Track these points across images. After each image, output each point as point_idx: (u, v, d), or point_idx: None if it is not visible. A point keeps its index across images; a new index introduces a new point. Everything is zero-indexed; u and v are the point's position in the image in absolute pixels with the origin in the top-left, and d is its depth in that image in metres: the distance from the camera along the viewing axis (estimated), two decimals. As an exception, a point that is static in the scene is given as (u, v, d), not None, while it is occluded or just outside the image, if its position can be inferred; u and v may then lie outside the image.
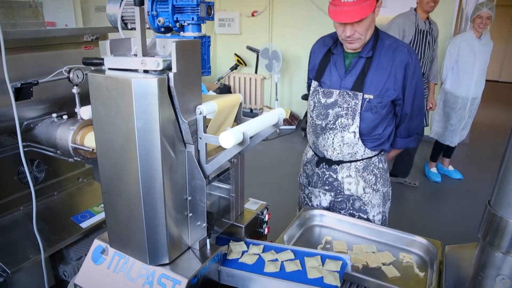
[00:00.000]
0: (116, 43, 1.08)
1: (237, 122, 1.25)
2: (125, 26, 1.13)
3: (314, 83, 1.72)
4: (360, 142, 1.65)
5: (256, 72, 6.42)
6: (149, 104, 0.95)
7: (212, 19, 1.07)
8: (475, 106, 3.99)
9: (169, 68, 0.97)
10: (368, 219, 1.75)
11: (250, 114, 6.45)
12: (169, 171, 1.02)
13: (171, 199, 1.05)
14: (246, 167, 1.36)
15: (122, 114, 0.99)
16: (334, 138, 1.68)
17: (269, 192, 3.86)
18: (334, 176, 1.76)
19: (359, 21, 1.46)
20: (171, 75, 0.95)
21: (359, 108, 1.59)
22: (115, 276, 1.14)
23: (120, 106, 0.98)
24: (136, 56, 1.02)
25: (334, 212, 1.71)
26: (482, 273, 0.99)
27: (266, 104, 6.61)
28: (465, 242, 1.35)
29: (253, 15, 6.29)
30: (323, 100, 1.67)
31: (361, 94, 1.58)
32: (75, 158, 1.58)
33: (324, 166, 1.77)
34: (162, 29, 1.07)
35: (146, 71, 0.99)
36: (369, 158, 1.71)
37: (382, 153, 1.77)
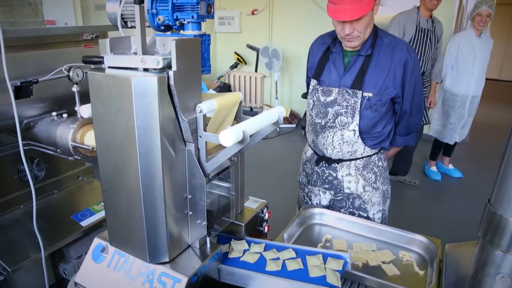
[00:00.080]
0: (116, 42, 1.08)
1: (237, 120, 1.25)
2: (125, 24, 1.13)
3: (313, 82, 1.72)
4: (360, 140, 1.65)
5: (256, 70, 6.42)
6: (149, 102, 0.95)
7: (212, 18, 1.07)
8: (475, 105, 3.99)
9: (169, 66, 0.97)
10: (368, 218, 1.75)
11: (250, 113, 6.44)
12: (169, 170, 1.02)
13: (171, 198, 1.05)
14: (246, 166, 1.35)
15: (122, 113, 0.98)
16: (333, 137, 1.68)
17: (269, 190, 3.86)
18: (334, 174, 1.76)
19: (358, 19, 1.46)
20: (171, 74, 0.95)
21: (359, 106, 1.59)
22: (115, 274, 1.14)
23: (120, 105, 0.98)
24: (136, 54, 1.02)
25: (334, 210, 1.71)
26: (482, 271, 0.99)
27: (266, 102, 6.61)
28: (465, 240, 1.35)
29: (253, 14, 6.29)
30: (323, 98, 1.67)
31: (360, 92, 1.58)
32: (75, 157, 1.58)
33: (323, 165, 1.77)
34: (162, 27, 1.07)
35: (146, 70, 0.99)
36: (368, 156, 1.71)
37: (381, 151, 1.77)
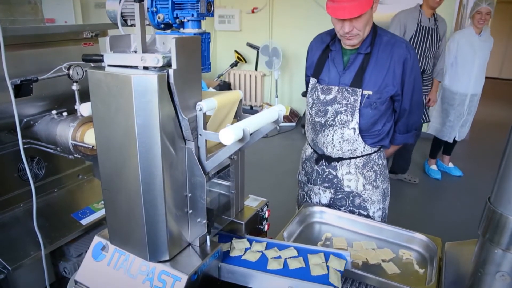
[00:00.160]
0: (115, 40, 1.07)
1: (237, 118, 1.25)
2: (124, 22, 1.12)
3: (313, 80, 1.72)
4: (360, 138, 1.65)
5: (256, 69, 6.41)
6: (149, 100, 0.95)
7: (212, 16, 1.07)
8: (475, 103, 3.98)
9: (169, 64, 0.97)
10: (368, 216, 1.75)
11: (250, 111, 6.44)
12: (169, 168, 1.02)
13: (171, 196, 1.05)
14: (246, 164, 1.35)
15: (122, 111, 0.98)
16: (333, 135, 1.68)
17: (269, 189, 3.86)
18: (334, 173, 1.75)
19: (358, 17, 1.46)
20: (171, 72, 0.95)
21: (359, 104, 1.59)
22: (115, 272, 1.15)
23: (120, 103, 0.98)
24: (135, 52, 1.02)
25: (334, 209, 1.72)
26: (482, 269, 0.99)
27: (266, 101, 6.61)
28: (465, 239, 1.36)
29: (253, 12, 6.28)
30: (322, 97, 1.67)
31: (360, 90, 1.58)
32: (75, 155, 1.58)
33: (323, 163, 1.77)
34: (162, 25, 1.07)
35: (146, 68, 0.99)
36: (368, 154, 1.71)
37: (381, 149, 1.77)
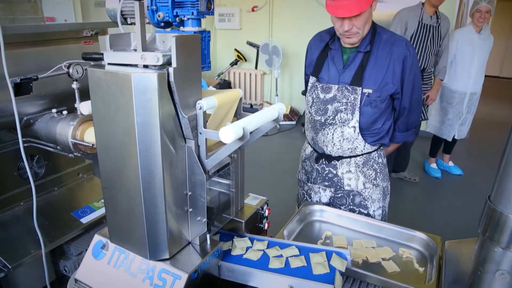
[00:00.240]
0: (115, 38, 1.07)
1: (237, 117, 1.25)
2: (124, 21, 1.12)
3: (312, 79, 1.72)
4: (360, 137, 1.65)
5: (256, 67, 6.41)
6: (149, 99, 0.95)
7: (212, 14, 1.06)
8: (474, 102, 3.97)
9: (169, 63, 0.97)
10: (368, 214, 1.75)
11: (250, 110, 6.43)
12: (169, 166, 1.02)
13: (171, 194, 1.05)
14: (246, 163, 1.35)
15: (122, 109, 0.98)
16: (333, 134, 1.67)
17: (269, 187, 3.86)
18: (334, 171, 1.75)
19: (357, 15, 1.45)
20: (171, 70, 0.95)
21: (359, 102, 1.59)
22: (116, 271, 1.15)
23: (120, 101, 0.98)
24: (135, 51, 1.01)
25: (334, 208, 1.72)
26: (482, 268, 0.99)
27: (266, 99, 6.61)
28: (465, 237, 1.36)
29: (253, 10, 6.27)
30: (322, 95, 1.67)
31: (360, 88, 1.58)
32: (75, 154, 1.58)
33: (323, 162, 1.77)
34: (162, 24, 1.07)
35: (146, 66, 0.99)
36: (368, 153, 1.71)
37: (381, 148, 1.77)
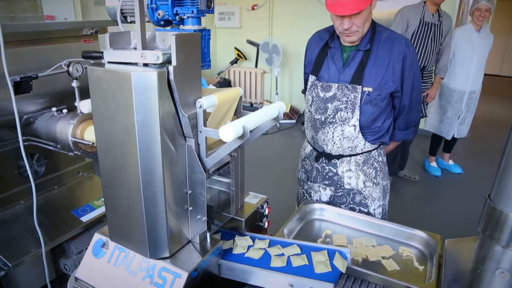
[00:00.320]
0: (115, 37, 1.07)
1: (237, 115, 1.25)
2: (124, 19, 1.12)
3: (312, 78, 1.72)
4: (360, 135, 1.65)
5: (256, 66, 6.40)
6: (149, 97, 0.94)
7: (212, 12, 1.06)
8: (474, 100, 3.96)
9: (168, 61, 0.97)
10: (368, 213, 1.76)
11: (250, 108, 6.44)
12: (169, 165, 1.02)
13: (171, 193, 1.06)
14: (246, 161, 1.35)
15: (122, 108, 0.98)
16: (334, 132, 1.67)
17: (269, 186, 3.86)
18: (334, 170, 1.75)
19: (357, 13, 1.45)
20: (171, 69, 0.95)
21: (359, 101, 1.59)
22: (116, 269, 1.15)
23: (120, 100, 0.98)
24: (135, 49, 1.02)
25: (335, 206, 1.72)
26: (482, 266, 0.99)
27: (266, 98, 6.60)
28: (464, 236, 1.36)
29: (253, 9, 6.26)
30: (322, 94, 1.66)
31: (360, 87, 1.58)
32: (75, 152, 1.58)
33: (323, 161, 1.77)
34: (162, 22, 1.07)
35: (145, 65, 0.99)
36: (368, 151, 1.71)
37: (381, 146, 1.77)
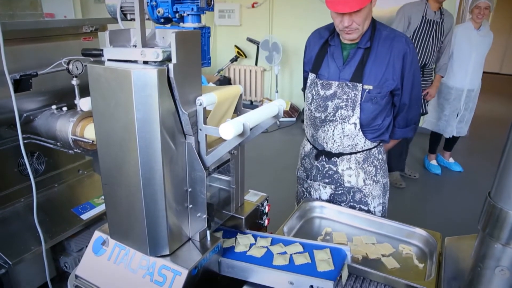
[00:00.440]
0: (115, 34, 1.07)
1: (237, 113, 1.25)
2: (124, 17, 1.12)
3: (312, 76, 1.71)
4: (360, 133, 1.65)
5: (256, 64, 6.39)
6: (148, 95, 0.94)
7: (212, 10, 1.06)
8: (472, 99, 3.95)
9: (168, 59, 0.97)
10: (368, 211, 1.76)
11: (250, 106, 6.42)
12: (169, 163, 1.02)
13: (171, 191, 1.06)
14: (246, 159, 1.35)
15: (122, 106, 0.98)
16: (334, 130, 1.67)
17: (269, 184, 3.86)
18: (334, 168, 1.75)
19: (357, 11, 1.45)
20: (171, 66, 0.95)
21: (359, 99, 1.59)
22: (116, 267, 1.15)
23: (119, 98, 0.98)
24: (135, 47, 1.01)
25: (335, 204, 1.72)
26: (482, 264, 1.00)
27: (266, 96, 6.60)
28: (464, 234, 1.36)
29: (253, 7, 6.25)
30: (322, 92, 1.66)
31: (360, 85, 1.58)
32: (75, 150, 1.58)
33: (323, 159, 1.77)
34: (162, 19, 1.07)
35: (145, 62, 0.99)
36: (369, 149, 1.71)
37: (381, 144, 1.76)
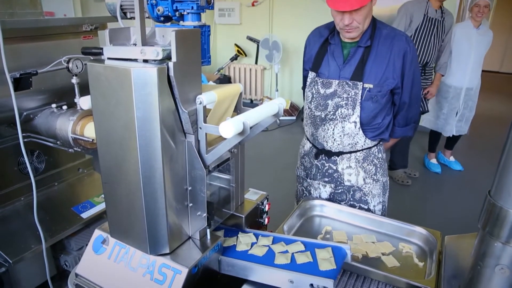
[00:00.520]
0: (115, 33, 1.07)
1: (237, 112, 1.25)
2: (124, 15, 1.12)
3: (312, 74, 1.71)
4: (361, 132, 1.65)
5: (256, 62, 6.39)
6: (148, 93, 0.94)
7: (212, 8, 1.06)
8: (472, 97, 3.94)
9: (168, 57, 0.97)
10: (368, 210, 1.76)
11: (250, 105, 6.41)
12: (169, 161, 1.02)
13: (171, 189, 1.06)
14: (246, 158, 1.35)
15: (122, 104, 0.98)
16: (334, 129, 1.67)
17: (269, 182, 3.87)
18: (334, 167, 1.75)
19: (358, 9, 1.45)
20: (171, 65, 0.95)
21: (360, 97, 1.58)
22: (116, 265, 1.15)
23: (119, 96, 0.98)
24: (135, 45, 1.01)
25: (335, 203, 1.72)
26: (481, 262, 1.00)
27: (266, 94, 6.59)
28: (464, 232, 1.36)
29: (253, 5, 6.24)
30: (322, 90, 1.66)
31: (361, 83, 1.57)
32: (75, 149, 1.58)
33: (323, 158, 1.77)
34: (162, 18, 1.07)
35: (145, 61, 0.98)
36: (368, 148, 1.71)
37: (381, 143, 1.76)
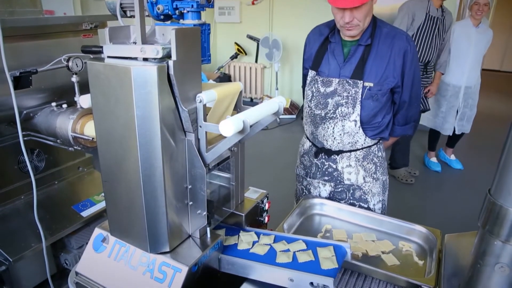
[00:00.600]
0: (115, 31, 1.07)
1: (237, 110, 1.24)
2: (124, 13, 1.12)
3: (312, 73, 1.71)
4: (361, 130, 1.65)
5: (256, 61, 6.38)
6: (148, 92, 0.94)
7: (212, 7, 1.06)
8: (471, 96, 3.93)
9: (168, 56, 0.97)
10: (368, 208, 1.76)
11: (250, 104, 6.42)
12: (169, 160, 1.02)
13: (171, 188, 1.06)
14: (246, 156, 1.35)
15: (122, 103, 0.98)
16: (334, 128, 1.67)
17: (269, 181, 3.87)
18: (334, 166, 1.75)
19: (358, 7, 1.45)
20: (171, 63, 0.95)
21: (360, 96, 1.58)
22: (116, 264, 1.15)
23: (119, 95, 0.98)
24: (135, 44, 1.01)
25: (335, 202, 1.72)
26: (481, 261, 1.00)
27: (266, 93, 6.59)
28: (464, 231, 1.36)
29: (253, 4, 6.23)
30: (322, 89, 1.66)
31: (361, 82, 1.57)
32: (75, 147, 1.58)
33: (323, 157, 1.77)
34: (162, 16, 1.06)
35: (145, 59, 0.98)
36: (368, 147, 1.71)
37: (380, 141, 1.76)
